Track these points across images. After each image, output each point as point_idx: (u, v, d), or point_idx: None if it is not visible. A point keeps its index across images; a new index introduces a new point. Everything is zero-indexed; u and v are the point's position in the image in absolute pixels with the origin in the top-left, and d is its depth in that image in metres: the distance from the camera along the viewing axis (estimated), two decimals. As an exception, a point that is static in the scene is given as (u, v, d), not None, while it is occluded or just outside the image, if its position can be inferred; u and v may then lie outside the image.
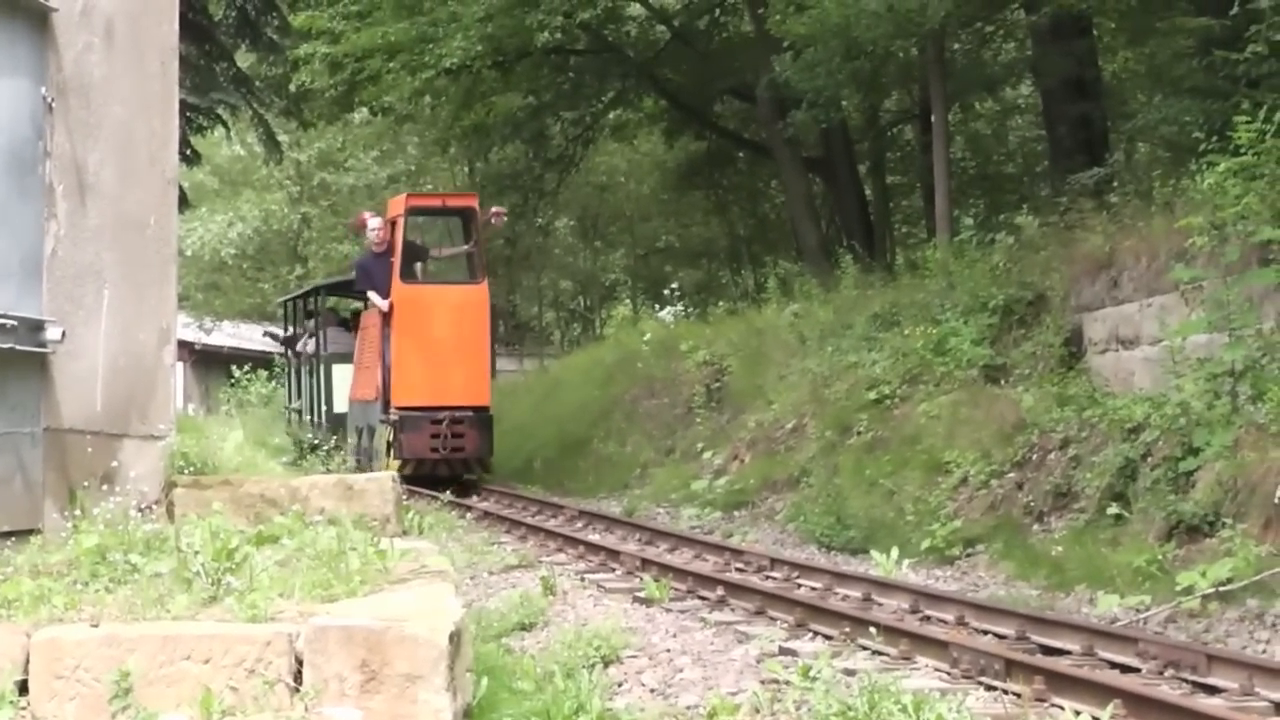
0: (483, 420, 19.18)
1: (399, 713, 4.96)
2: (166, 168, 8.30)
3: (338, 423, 21.49)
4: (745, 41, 27.59)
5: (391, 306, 18.96)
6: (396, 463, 18.44)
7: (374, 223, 19.54)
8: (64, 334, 7.03)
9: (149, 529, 6.51)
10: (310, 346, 24.51)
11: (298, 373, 25.78)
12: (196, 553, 5.83)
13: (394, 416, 18.90)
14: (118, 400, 7.64)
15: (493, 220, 19.78)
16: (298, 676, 5.04)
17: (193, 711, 4.88)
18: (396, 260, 19.11)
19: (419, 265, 20.01)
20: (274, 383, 25.43)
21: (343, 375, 21.50)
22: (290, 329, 27.57)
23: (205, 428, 10.53)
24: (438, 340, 18.87)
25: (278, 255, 40.51)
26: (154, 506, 7.57)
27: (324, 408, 22.77)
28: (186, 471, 8.03)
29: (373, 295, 19.23)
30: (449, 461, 18.93)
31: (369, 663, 4.98)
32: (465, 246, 20.28)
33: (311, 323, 25.02)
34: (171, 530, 6.48)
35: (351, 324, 23.28)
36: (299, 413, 24.89)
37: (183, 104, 16.31)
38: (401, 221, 19.38)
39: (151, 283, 8.07)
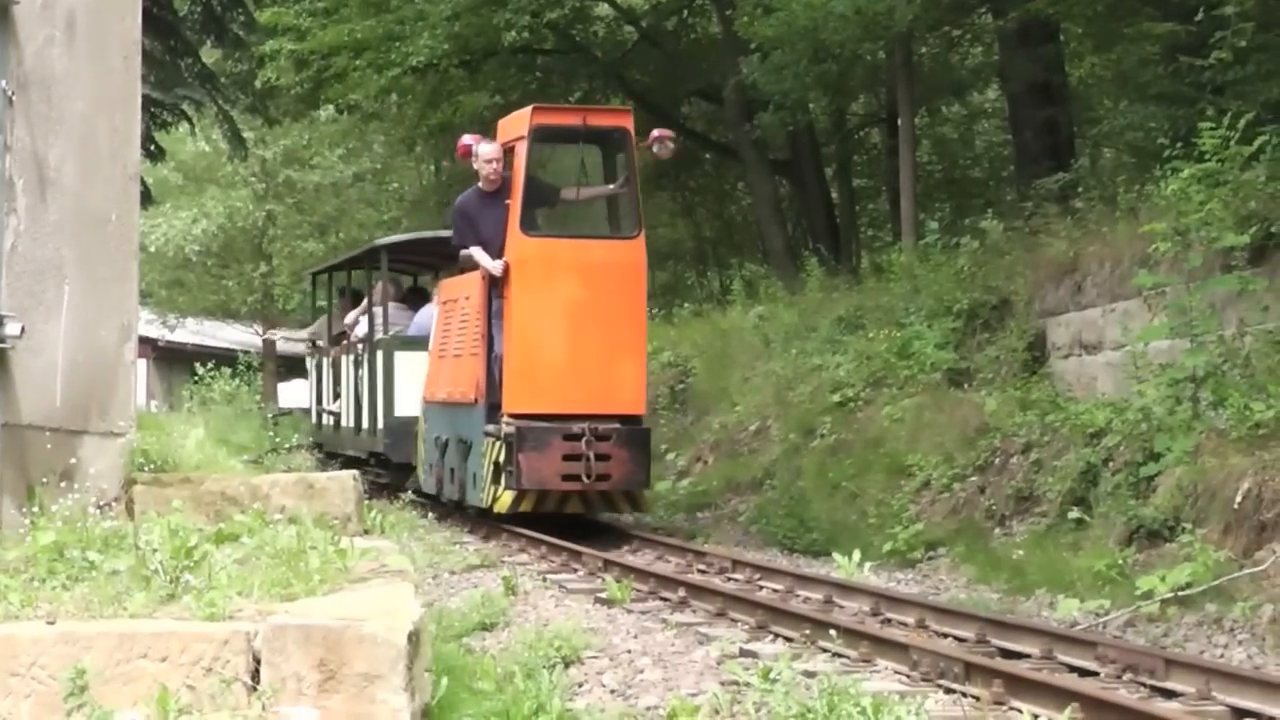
0: (636, 437, 13.60)
1: (357, 712, 4.95)
2: (128, 163, 8.24)
3: (402, 431, 16.73)
4: (713, 43, 27.63)
5: (506, 269, 13.50)
6: (508, 494, 13.43)
7: (485, 148, 13.98)
8: (23, 330, 6.99)
9: (108, 526, 6.48)
10: (361, 328, 19.07)
11: (335, 365, 20.53)
12: (155, 550, 5.80)
13: (507, 428, 13.37)
14: (77, 396, 7.59)
15: (654, 148, 14.15)
16: (255, 675, 5.03)
17: (149, 710, 4.85)
18: (515, 203, 13.59)
19: (547, 210, 14.55)
20: (238, 381, 24.33)
21: (409, 367, 16.78)
22: (325, 307, 22.42)
23: (167, 425, 10.46)
24: (574, 318, 13.46)
25: (242, 252, 40.30)
26: (113, 504, 7.52)
27: (380, 411, 17.55)
28: (147, 469, 7.98)
29: (476, 253, 13.75)
30: (586, 496, 13.62)
31: (327, 662, 4.97)
32: (614, 185, 14.50)
33: (363, 297, 19.64)
34: (130, 528, 6.45)
35: (413, 301, 18.99)
36: (336, 417, 20.11)
37: (147, 99, 16.28)
38: (524, 148, 13.64)
39: (112, 279, 8.02)
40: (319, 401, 21.59)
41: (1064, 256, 14.22)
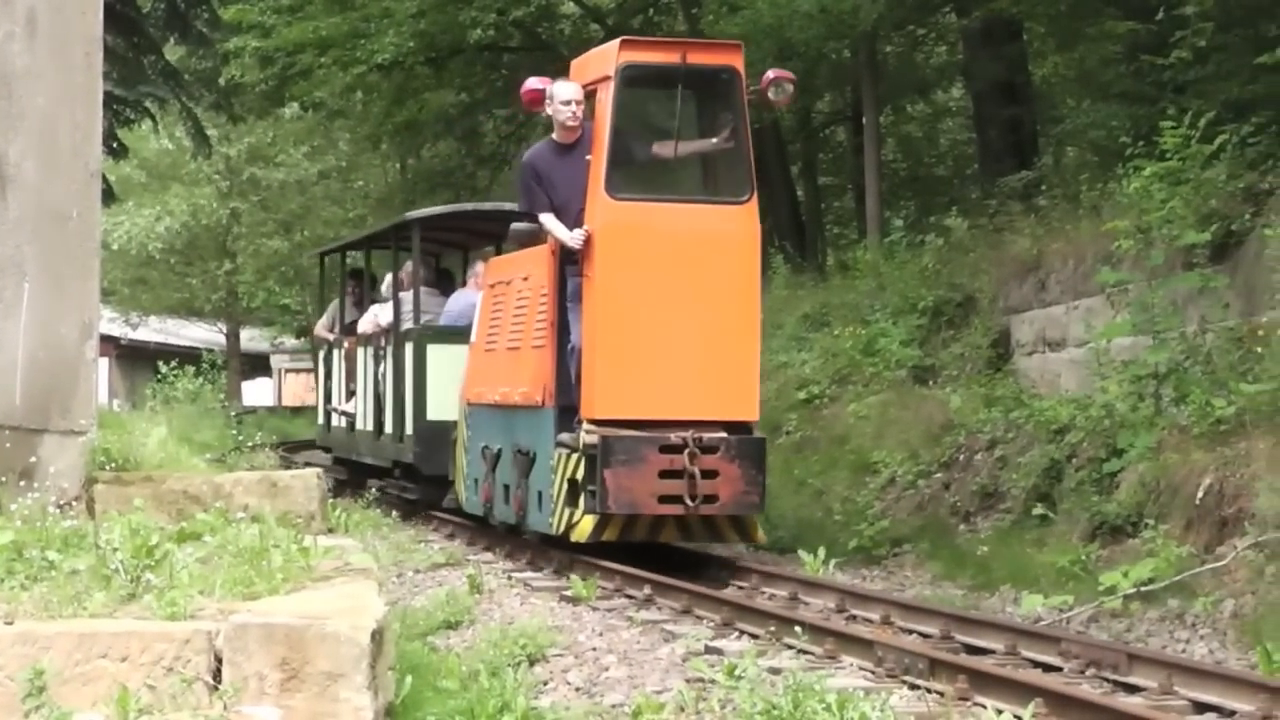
0: (749, 449, 10.91)
1: (319, 711, 4.92)
2: (90, 160, 8.20)
3: (435, 438, 14.39)
4: (679, 41, 27.64)
5: (588, 240, 10.83)
6: (589, 520, 10.87)
7: (564, 89, 11.18)
8: (-18, 327, 6.96)
9: (68, 525, 6.44)
10: (384, 316, 16.35)
11: (349, 358, 17.85)
12: (115, 549, 5.76)
13: (588, 438, 10.77)
14: (38, 395, 7.55)
15: (770, 92, 11.21)
16: (217, 675, 5.00)
17: (109, 710, 4.82)
18: (599, 160, 10.91)
19: (638, 168, 11.64)
20: (201, 379, 23.84)
21: (444, 362, 14.40)
22: (336, 292, 19.55)
23: (128, 423, 10.40)
24: (673, 300, 10.86)
25: (206, 250, 40.21)
26: (74, 503, 7.48)
27: (409, 414, 15.06)
28: (108, 467, 7.93)
29: (549, 222, 11.13)
30: (685, 522, 11.10)
31: (289, 661, 4.94)
32: (719, 137, 11.34)
33: (387, 279, 16.94)
34: (91, 527, 6.41)
35: (442, 285, 16.62)
36: (350, 419, 17.77)
37: (110, 97, 16.18)
38: (609, 92, 10.92)
39: (74, 276, 7.97)
40: (327, 400, 19.26)
41: (1028, 254, 14.28)
